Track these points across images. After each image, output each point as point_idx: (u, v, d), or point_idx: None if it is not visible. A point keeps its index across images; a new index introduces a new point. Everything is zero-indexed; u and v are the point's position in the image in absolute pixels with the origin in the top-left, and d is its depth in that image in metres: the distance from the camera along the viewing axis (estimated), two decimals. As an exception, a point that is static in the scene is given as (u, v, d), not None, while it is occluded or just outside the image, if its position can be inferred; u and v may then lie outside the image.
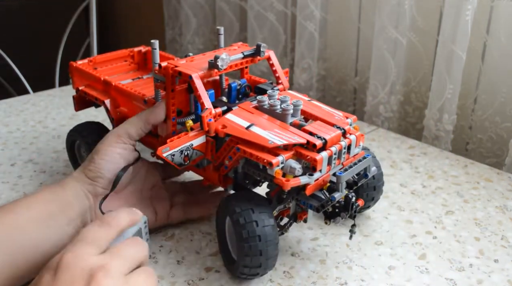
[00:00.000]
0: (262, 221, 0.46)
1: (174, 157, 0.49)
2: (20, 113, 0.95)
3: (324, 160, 0.46)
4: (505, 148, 0.81)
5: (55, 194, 0.52)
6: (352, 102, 1.07)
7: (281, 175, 0.45)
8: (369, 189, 0.57)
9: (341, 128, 0.49)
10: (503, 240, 0.58)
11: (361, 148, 0.52)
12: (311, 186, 0.46)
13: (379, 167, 0.57)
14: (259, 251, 0.46)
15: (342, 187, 0.47)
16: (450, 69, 0.79)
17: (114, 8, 1.92)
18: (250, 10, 1.12)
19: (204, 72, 0.52)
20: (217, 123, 0.50)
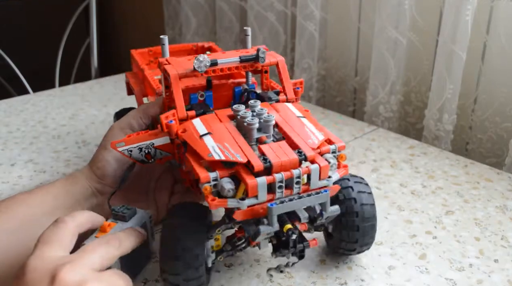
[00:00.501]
0: (184, 242, 0.43)
1: (132, 152, 0.49)
2: (20, 113, 0.95)
3: (260, 186, 0.41)
4: (505, 148, 0.81)
5: (65, 189, 0.53)
6: (352, 102, 1.07)
7: (210, 193, 0.41)
8: (349, 228, 0.49)
9: (302, 154, 0.43)
10: (503, 240, 0.58)
11: (335, 180, 0.45)
12: (242, 212, 0.41)
13: (372, 205, 0.49)
14: (177, 270, 0.44)
15: (273, 220, 0.41)
16: (450, 69, 0.79)
17: (114, 8, 1.92)
18: (250, 10, 1.12)
19: (187, 72, 0.49)
20: (180, 127, 0.47)
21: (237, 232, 0.47)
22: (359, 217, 0.48)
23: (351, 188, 0.49)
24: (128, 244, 0.45)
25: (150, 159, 0.50)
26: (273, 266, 0.53)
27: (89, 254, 0.41)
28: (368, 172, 0.73)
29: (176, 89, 0.49)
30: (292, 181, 0.42)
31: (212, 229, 0.45)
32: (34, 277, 0.38)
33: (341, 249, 0.51)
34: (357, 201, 0.48)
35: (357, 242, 0.50)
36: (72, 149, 0.80)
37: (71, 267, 0.38)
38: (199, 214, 0.46)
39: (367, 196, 0.49)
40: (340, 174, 0.45)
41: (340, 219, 0.49)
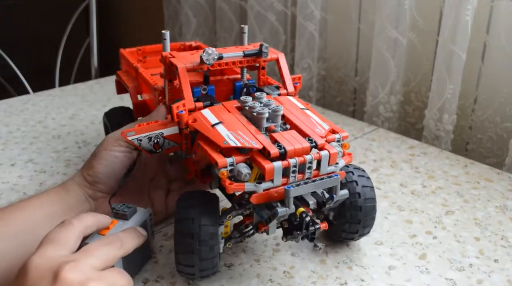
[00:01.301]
0: (199, 219, 0.45)
1: (141, 142, 0.50)
2: (20, 113, 0.95)
3: (276, 170, 0.42)
4: (505, 148, 0.81)
5: (59, 196, 0.53)
6: (352, 102, 1.07)
7: (227, 177, 0.43)
8: (352, 219, 0.52)
9: (313, 141, 0.45)
10: (503, 240, 0.58)
11: (341, 167, 0.47)
12: (257, 195, 0.43)
13: (373, 199, 0.52)
14: (191, 248, 0.45)
15: (290, 202, 0.43)
16: (450, 69, 0.79)
17: (114, 8, 1.92)
18: (250, 10, 1.12)
19: (194, 65, 0.51)
20: (190, 117, 0.49)
21: (245, 219, 0.48)
22: (361, 198, 0.51)
23: (351, 172, 0.52)
24: (130, 244, 0.46)
25: (158, 148, 0.51)
26: (272, 266, 0.53)
27: (91, 253, 0.41)
28: (368, 172, 0.73)
29: (184, 81, 0.50)
30: (304, 166, 0.44)
31: (222, 215, 0.47)
32: (37, 275, 0.38)
33: (344, 232, 0.53)
34: (358, 184, 0.51)
35: (359, 223, 0.52)
36: (72, 149, 0.80)
37: (74, 266, 0.38)
38: (209, 199, 0.48)
39: (366, 179, 0.52)
40: (346, 161, 0.48)
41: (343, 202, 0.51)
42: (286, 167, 0.43)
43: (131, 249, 0.46)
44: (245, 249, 0.56)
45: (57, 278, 0.37)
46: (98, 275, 0.39)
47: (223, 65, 0.52)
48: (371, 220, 0.53)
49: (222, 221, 0.47)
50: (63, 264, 0.38)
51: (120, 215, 0.50)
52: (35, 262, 0.39)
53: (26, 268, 0.39)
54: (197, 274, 0.47)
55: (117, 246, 0.44)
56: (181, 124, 0.49)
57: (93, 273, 0.39)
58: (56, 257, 0.40)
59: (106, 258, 0.42)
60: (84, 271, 0.39)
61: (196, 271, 0.47)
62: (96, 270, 0.40)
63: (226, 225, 0.48)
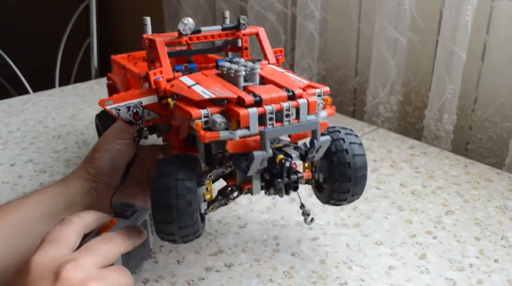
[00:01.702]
0: (175, 174, 0.43)
1: (120, 111, 0.48)
2: (20, 113, 0.95)
3: (251, 116, 0.41)
4: (505, 148, 0.81)
5: (60, 191, 0.53)
6: (352, 102, 1.07)
7: (202, 128, 0.42)
8: (342, 177, 0.49)
9: (290, 91, 0.44)
10: (503, 240, 0.58)
11: (323, 117, 0.45)
12: (233, 143, 0.42)
13: (362, 155, 0.49)
14: (168, 203, 0.42)
15: (266, 144, 0.41)
16: (450, 69, 0.79)
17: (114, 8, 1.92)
18: (250, 10, 1.12)
19: (172, 39, 0.51)
20: (168, 84, 0.48)
21: (228, 181, 0.48)
22: (349, 154, 0.49)
23: (338, 131, 0.50)
24: (130, 242, 0.46)
25: (138, 119, 0.49)
26: (272, 266, 0.53)
27: (92, 251, 0.41)
28: (368, 172, 0.73)
29: (162, 53, 0.50)
30: (281, 115, 0.43)
31: (203, 175, 0.45)
32: (38, 275, 0.38)
33: (335, 193, 0.50)
34: (345, 141, 0.49)
35: (350, 181, 0.49)
36: (72, 148, 0.80)
37: (74, 265, 0.38)
38: (188, 159, 0.46)
39: (354, 137, 0.50)
40: (328, 113, 0.46)
41: (331, 161, 0.49)
42: (262, 114, 0.42)
43: (132, 247, 0.46)
44: (245, 249, 0.56)
45: (58, 277, 0.37)
46: (99, 274, 0.39)
47: (201, 38, 0.51)
48: (362, 178, 0.50)
49: (203, 180, 0.45)
50: (64, 263, 0.38)
51: (120, 214, 0.50)
52: (36, 261, 0.39)
53: (27, 267, 0.39)
54: (177, 234, 0.44)
55: (117, 243, 0.44)
56: (159, 91, 0.48)
57: (94, 271, 0.39)
58: (57, 256, 0.40)
59: (106, 255, 0.42)
60: (85, 270, 0.39)
61: (175, 229, 0.43)
62: (97, 268, 0.40)
63: (208, 188, 0.46)
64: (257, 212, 0.63)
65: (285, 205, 0.65)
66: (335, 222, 0.61)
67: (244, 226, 0.60)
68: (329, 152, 0.48)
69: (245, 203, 0.65)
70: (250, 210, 0.64)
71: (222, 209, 0.64)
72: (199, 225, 0.45)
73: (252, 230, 0.60)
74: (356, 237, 0.58)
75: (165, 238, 0.45)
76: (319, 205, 0.65)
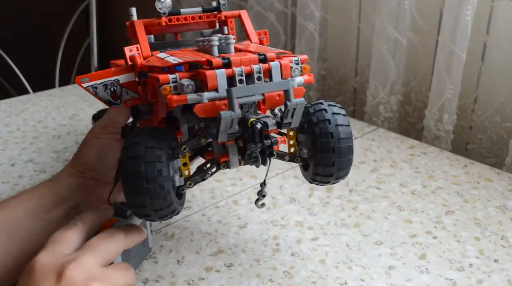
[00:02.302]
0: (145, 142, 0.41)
1: (97, 90, 0.47)
2: (20, 113, 0.95)
3: (219, 77, 0.40)
4: (505, 148, 0.81)
5: (49, 188, 0.53)
6: (352, 102, 1.07)
7: (170, 93, 0.40)
8: (325, 161, 0.46)
9: (261, 55, 0.42)
10: (503, 240, 0.58)
11: (299, 83, 0.44)
12: (202, 105, 0.40)
13: (347, 126, 0.46)
14: (137, 171, 0.40)
15: (234, 104, 0.39)
16: (450, 69, 0.79)
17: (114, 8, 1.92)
18: (250, 10, 1.12)
19: (151, 20, 0.50)
20: (145, 61, 0.47)
21: (205, 156, 0.46)
22: (334, 138, 0.45)
23: (325, 110, 0.47)
24: (131, 238, 0.46)
25: (116, 99, 0.48)
26: (272, 266, 0.53)
27: (94, 249, 0.41)
28: (368, 172, 0.73)
29: (140, 32, 0.49)
30: (252, 78, 0.41)
31: (177, 147, 0.44)
32: (42, 274, 0.38)
33: (318, 176, 0.48)
34: (331, 122, 0.46)
35: (333, 166, 0.46)
36: (72, 148, 0.80)
37: (77, 264, 0.39)
38: (161, 131, 0.45)
39: (341, 117, 0.47)
40: (305, 79, 0.45)
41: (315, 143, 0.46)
42: (231, 76, 0.40)
43: (133, 244, 0.46)
44: (245, 249, 0.56)
45: (61, 277, 0.38)
46: (101, 273, 0.40)
47: (181, 20, 0.50)
48: (347, 161, 0.47)
49: (177, 153, 0.44)
50: (66, 263, 0.39)
51: (119, 213, 0.50)
52: (40, 261, 0.39)
53: (32, 267, 0.39)
54: (149, 206, 0.41)
55: (119, 239, 0.44)
56: (135, 67, 0.47)
57: (97, 270, 0.40)
58: (60, 256, 0.40)
59: (108, 252, 0.42)
60: (88, 269, 0.39)
61: (146, 201, 0.41)
62: (100, 266, 0.41)
63: (186, 164, 0.45)
64: (257, 212, 0.63)
65: (285, 205, 0.65)
66: (335, 222, 0.61)
67: (244, 226, 0.60)
68: (311, 123, 0.46)
69: (245, 203, 0.65)
70: (250, 210, 0.64)
71: (222, 209, 0.64)
72: (172, 198, 0.42)
73: (252, 230, 0.60)
74: (356, 237, 0.58)
75: (138, 212, 0.42)
76: (319, 204, 0.65)
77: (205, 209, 0.64)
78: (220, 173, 0.72)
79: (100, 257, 0.41)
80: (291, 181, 0.71)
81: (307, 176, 0.50)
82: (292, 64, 0.44)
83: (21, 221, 0.49)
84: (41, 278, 0.38)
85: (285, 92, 0.41)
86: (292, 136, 0.49)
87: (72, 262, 0.39)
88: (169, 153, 0.42)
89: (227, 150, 0.44)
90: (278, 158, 0.47)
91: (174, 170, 0.43)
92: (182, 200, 0.46)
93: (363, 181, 0.71)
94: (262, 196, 0.48)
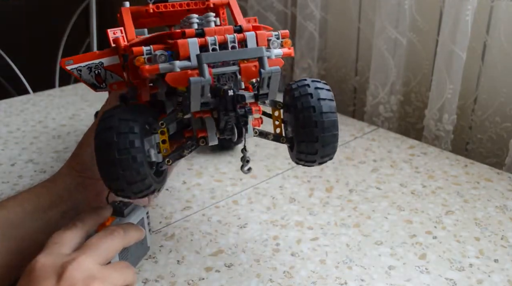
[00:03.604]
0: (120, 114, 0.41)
1: (81, 73, 0.47)
2: (20, 113, 0.95)
3: (191, 46, 0.39)
4: (505, 148, 0.81)
5: (47, 188, 0.53)
6: (352, 102, 1.07)
7: (143, 63, 0.40)
8: (308, 137, 0.44)
9: (237, 26, 0.42)
10: (503, 240, 0.58)
11: (277, 55, 0.43)
12: (174, 74, 0.39)
13: (330, 100, 0.45)
14: (109, 144, 0.40)
15: (203, 69, 0.38)
16: (450, 69, 0.79)
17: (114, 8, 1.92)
18: (250, 10, 1.12)
19: (139, 7, 0.50)
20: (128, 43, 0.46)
21: (185, 133, 0.46)
22: (316, 111, 0.44)
23: (307, 85, 0.45)
24: (131, 235, 0.46)
25: (101, 82, 0.48)
26: (272, 266, 0.53)
27: (94, 248, 0.42)
28: (368, 172, 0.73)
29: (126, 17, 0.48)
30: (226, 47, 0.41)
31: (155, 123, 0.43)
32: (42, 274, 0.39)
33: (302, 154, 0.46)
34: (313, 96, 0.44)
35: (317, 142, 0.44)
36: (72, 148, 0.80)
37: (77, 264, 0.39)
38: (138, 106, 0.44)
39: (325, 92, 0.45)
40: (284, 52, 0.44)
41: (297, 117, 0.45)
42: (204, 45, 0.40)
43: (132, 241, 0.46)
44: (245, 249, 0.56)
45: (61, 277, 0.38)
46: (101, 272, 0.40)
47: (169, 7, 0.50)
48: (332, 137, 0.44)
49: (155, 128, 0.43)
50: (66, 263, 0.39)
51: (117, 212, 0.50)
52: (41, 261, 0.40)
53: (31, 267, 0.39)
54: (121, 179, 0.40)
55: (119, 236, 0.44)
56: (119, 49, 0.46)
57: (97, 270, 0.40)
58: (60, 256, 0.41)
59: (107, 251, 0.43)
60: (88, 269, 0.39)
61: (119, 174, 0.40)
62: (99, 265, 0.41)
63: (165, 140, 0.44)
64: (257, 212, 0.63)
65: (285, 205, 0.65)
66: (335, 222, 0.61)
67: (244, 226, 0.60)
68: (293, 98, 0.45)
69: (245, 203, 0.65)
70: (250, 210, 0.64)
71: (222, 208, 0.64)
72: (146, 172, 0.41)
73: (252, 230, 0.60)
74: (356, 237, 0.58)
75: (112, 186, 0.41)
76: (319, 204, 0.65)
77: (205, 209, 0.64)
78: (220, 172, 0.73)
79: (99, 256, 0.41)
80: (291, 181, 0.71)
81: (293, 156, 0.48)
82: (271, 38, 0.43)
83: (18, 221, 0.49)
84: (41, 279, 0.38)
85: (259, 60, 0.40)
86: (277, 117, 0.48)
87: (72, 262, 0.39)
88: (146, 127, 0.42)
89: (205, 125, 0.43)
90: (262, 136, 0.46)
91: (150, 144, 0.43)
92: (161, 178, 0.45)
93: (363, 181, 0.71)
94: (246, 161, 0.46)
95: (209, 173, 0.73)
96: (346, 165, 0.75)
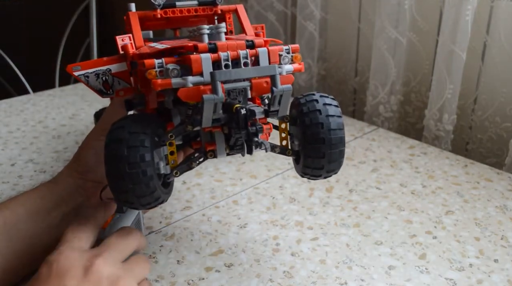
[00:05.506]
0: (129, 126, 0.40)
1: (88, 79, 0.47)
2: (20, 113, 0.95)
3: (204, 61, 0.39)
4: (505, 148, 0.81)
5: (49, 190, 0.53)
6: (352, 103, 1.07)
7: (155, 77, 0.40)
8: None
9: (249, 41, 0.42)
10: (503, 240, 0.58)
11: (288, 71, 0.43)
12: (186, 90, 0.39)
13: (338, 117, 0.45)
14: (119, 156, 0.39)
15: (217, 87, 0.39)
16: (450, 69, 0.79)
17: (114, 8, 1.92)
18: (250, 10, 1.12)
19: (146, 11, 0.50)
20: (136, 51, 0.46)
21: (193, 144, 0.46)
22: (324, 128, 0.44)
23: (316, 101, 0.46)
24: (144, 239, 0.48)
25: (108, 89, 0.48)
26: (272, 266, 0.53)
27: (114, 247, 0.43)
28: (368, 172, 0.73)
29: (134, 23, 0.48)
30: (239, 64, 0.41)
31: (164, 134, 0.43)
32: (67, 266, 0.39)
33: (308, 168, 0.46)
34: (322, 113, 0.45)
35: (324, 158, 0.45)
36: (72, 148, 0.80)
37: (103, 260, 0.41)
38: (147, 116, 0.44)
39: (333, 108, 0.45)
40: (294, 67, 0.44)
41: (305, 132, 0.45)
42: (216, 61, 0.40)
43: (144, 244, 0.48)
44: (245, 249, 0.56)
45: (89, 270, 0.39)
46: (123, 269, 0.42)
47: (177, 13, 0.50)
48: (338, 154, 0.45)
49: (163, 140, 0.43)
50: (93, 257, 0.40)
51: (117, 208, 0.51)
52: (64, 253, 0.41)
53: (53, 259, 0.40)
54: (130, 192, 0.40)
55: (136, 237, 0.46)
56: (127, 56, 0.46)
57: (121, 267, 0.42)
58: (82, 251, 0.42)
59: (126, 250, 0.44)
60: (113, 266, 0.41)
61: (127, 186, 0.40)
62: (120, 262, 0.43)
63: (173, 152, 0.44)
64: (257, 212, 0.63)
65: (285, 205, 0.65)
66: (335, 222, 0.61)
67: (244, 226, 0.60)
68: (302, 113, 0.45)
69: (245, 203, 0.65)
70: (250, 210, 0.64)
71: (222, 209, 0.64)
72: (156, 185, 0.41)
73: (252, 230, 0.60)
74: (356, 237, 0.58)
75: (120, 198, 0.41)
76: (319, 204, 0.65)
77: (205, 209, 0.64)
78: (220, 172, 0.73)
79: (120, 254, 0.43)
80: (291, 181, 0.71)
81: (298, 169, 0.49)
82: (282, 53, 0.44)
83: (21, 222, 0.49)
84: (66, 270, 0.39)
85: (272, 78, 0.41)
86: (284, 129, 0.48)
87: (99, 257, 0.41)
88: (155, 140, 0.42)
89: (214, 138, 0.44)
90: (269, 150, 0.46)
91: (159, 157, 0.43)
92: (168, 188, 0.45)
93: (363, 181, 0.71)
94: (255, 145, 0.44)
95: (209, 173, 0.73)
96: (346, 165, 0.75)
